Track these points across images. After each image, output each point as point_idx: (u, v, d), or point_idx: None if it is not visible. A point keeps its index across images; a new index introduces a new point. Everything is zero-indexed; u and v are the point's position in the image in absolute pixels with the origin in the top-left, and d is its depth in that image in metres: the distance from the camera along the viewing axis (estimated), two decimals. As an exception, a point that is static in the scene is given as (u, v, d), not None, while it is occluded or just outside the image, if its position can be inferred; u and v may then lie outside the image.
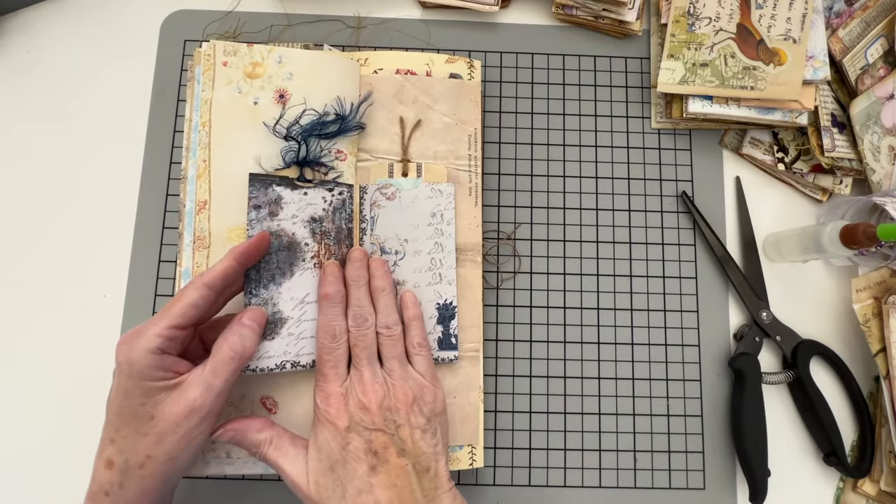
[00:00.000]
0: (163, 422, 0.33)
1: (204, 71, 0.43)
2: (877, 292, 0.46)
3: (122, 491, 0.33)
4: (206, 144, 0.42)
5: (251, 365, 0.38)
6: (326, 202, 0.42)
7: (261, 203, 0.40)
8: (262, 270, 0.39)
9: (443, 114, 0.46)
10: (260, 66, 0.44)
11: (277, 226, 0.40)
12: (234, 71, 0.43)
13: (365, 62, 0.47)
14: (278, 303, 0.39)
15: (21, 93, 0.51)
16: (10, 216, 0.49)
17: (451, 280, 0.43)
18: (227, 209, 0.42)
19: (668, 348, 0.48)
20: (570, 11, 0.52)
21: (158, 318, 0.34)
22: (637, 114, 0.52)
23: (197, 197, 0.42)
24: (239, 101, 0.43)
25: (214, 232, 0.41)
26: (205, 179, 0.42)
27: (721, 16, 0.48)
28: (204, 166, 0.42)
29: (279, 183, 0.41)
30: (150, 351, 0.33)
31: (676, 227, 0.50)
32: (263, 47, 0.44)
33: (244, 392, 0.41)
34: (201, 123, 0.43)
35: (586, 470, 0.46)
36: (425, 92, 0.47)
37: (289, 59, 0.44)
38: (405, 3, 0.53)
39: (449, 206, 0.44)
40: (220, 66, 0.43)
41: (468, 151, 0.46)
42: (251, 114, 0.43)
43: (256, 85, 0.43)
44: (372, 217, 0.44)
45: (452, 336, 0.42)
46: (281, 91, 0.43)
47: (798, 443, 0.47)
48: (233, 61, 0.43)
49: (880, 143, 0.47)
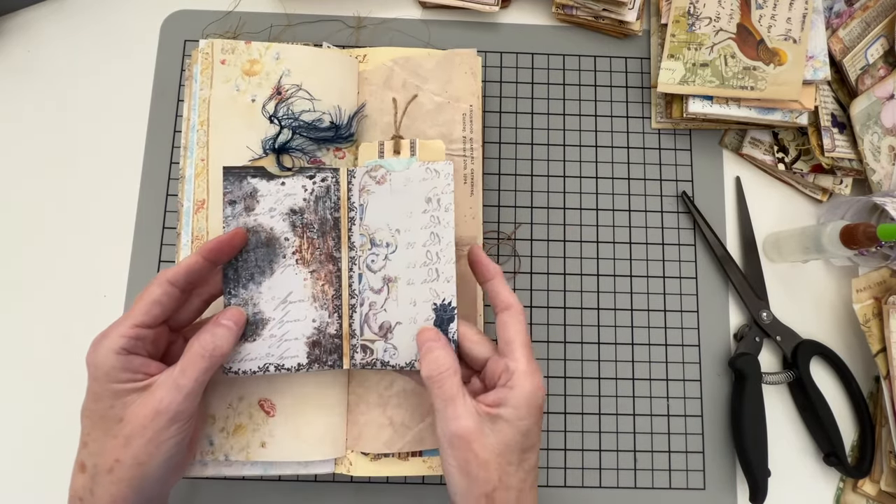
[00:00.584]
0: (130, 424, 0.32)
1: (202, 70, 0.43)
2: (877, 292, 0.46)
3: (94, 497, 0.32)
4: (204, 143, 0.42)
5: (232, 367, 0.37)
6: (307, 191, 0.39)
7: (235, 198, 0.38)
8: (240, 269, 0.37)
9: (433, 93, 0.44)
10: (258, 63, 0.43)
11: (254, 221, 0.38)
12: (231, 69, 0.43)
13: (364, 58, 0.46)
14: (259, 303, 0.37)
15: (21, 93, 0.51)
16: (10, 216, 0.49)
17: (450, 276, 0.37)
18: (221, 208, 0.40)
19: (668, 348, 0.48)
20: (570, 11, 0.52)
21: (122, 319, 0.33)
22: (637, 114, 0.52)
23: (195, 196, 0.41)
24: (237, 98, 0.43)
25: (213, 231, 0.41)
26: (203, 178, 0.41)
27: (721, 16, 0.48)
28: (202, 165, 0.41)
29: (254, 175, 0.38)
30: (115, 351, 0.32)
31: (676, 227, 0.50)
32: (261, 44, 0.43)
33: (242, 394, 0.40)
34: (199, 122, 0.42)
35: (586, 470, 0.46)
36: (414, 73, 0.45)
37: (286, 56, 0.43)
38: (405, 3, 0.53)
39: (447, 190, 0.38)
40: (217, 64, 0.43)
41: (462, 133, 0.44)
42: (249, 111, 0.42)
43: (254, 82, 0.43)
44: (361, 205, 0.40)
45: (452, 342, 0.36)
46: (278, 87, 0.43)
47: (798, 443, 0.47)
48: (231, 59, 0.43)
49: (880, 143, 0.47)
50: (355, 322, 0.39)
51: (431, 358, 0.34)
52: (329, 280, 0.39)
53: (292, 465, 0.41)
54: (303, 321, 0.39)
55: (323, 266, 0.39)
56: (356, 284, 0.39)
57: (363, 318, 0.39)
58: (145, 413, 0.32)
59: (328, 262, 0.40)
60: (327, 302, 0.39)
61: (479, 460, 0.32)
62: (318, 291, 0.39)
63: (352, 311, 0.40)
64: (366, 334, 0.39)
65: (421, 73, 0.44)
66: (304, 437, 0.40)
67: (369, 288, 0.39)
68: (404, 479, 0.45)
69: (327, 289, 0.39)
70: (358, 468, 0.42)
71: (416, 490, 0.45)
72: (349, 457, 0.42)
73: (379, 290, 0.39)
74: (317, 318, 0.39)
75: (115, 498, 0.32)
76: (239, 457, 0.40)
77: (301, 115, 0.42)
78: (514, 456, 0.33)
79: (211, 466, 0.40)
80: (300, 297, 0.38)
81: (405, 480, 0.45)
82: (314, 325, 0.39)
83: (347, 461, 0.42)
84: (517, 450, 0.33)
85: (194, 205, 0.41)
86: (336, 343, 0.39)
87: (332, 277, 0.40)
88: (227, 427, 0.40)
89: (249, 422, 0.40)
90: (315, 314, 0.39)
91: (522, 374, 0.33)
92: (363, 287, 0.39)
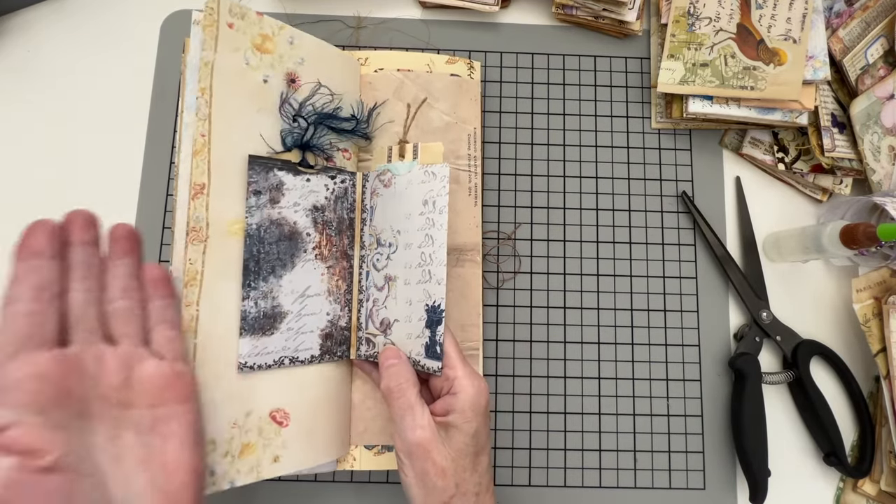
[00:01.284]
0: None
1: (205, 27, 0.37)
2: (877, 292, 0.46)
3: None
4: (205, 116, 0.35)
5: (248, 362, 0.36)
6: (329, 190, 0.40)
7: (261, 188, 0.38)
8: (262, 262, 0.37)
9: (443, 112, 0.46)
10: (270, 41, 0.39)
11: (279, 214, 0.38)
12: (241, 37, 0.38)
13: (365, 62, 0.46)
14: (278, 296, 0.38)
15: (21, 93, 0.51)
16: (9, 216, 0.49)
17: (441, 279, 0.37)
18: (229, 195, 0.36)
19: (668, 348, 0.48)
20: (570, 11, 0.52)
21: None
22: (637, 114, 0.52)
23: (193, 179, 0.35)
24: (246, 73, 0.38)
25: (214, 221, 0.35)
26: (203, 157, 0.35)
27: (721, 16, 0.48)
28: (203, 141, 0.35)
29: (281, 167, 0.38)
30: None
31: (676, 227, 0.50)
32: (274, 21, 0.40)
33: (250, 409, 0.36)
34: (200, 90, 0.36)
35: (586, 470, 0.46)
36: (425, 89, 0.46)
37: (300, 43, 0.41)
38: (405, 3, 0.53)
39: (442, 192, 0.38)
40: (224, 26, 0.37)
41: (468, 151, 0.46)
42: (260, 92, 0.38)
43: (266, 61, 0.39)
44: (371, 207, 0.41)
45: (438, 344, 0.36)
46: (293, 75, 0.40)
47: (798, 443, 0.47)
48: (240, 25, 0.38)
49: (880, 143, 0.47)
50: (362, 316, 0.41)
51: (391, 372, 0.36)
52: (343, 276, 0.41)
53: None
54: (318, 314, 0.40)
55: (338, 262, 0.41)
56: (364, 281, 0.41)
57: (368, 313, 0.41)
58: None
59: (343, 258, 0.41)
60: (340, 296, 0.41)
61: (437, 468, 0.33)
62: (333, 286, 0.41)
63: (360, 305, 0.41)
64: (369, 328, 0.41)
65: (432, 91, 0.46)
66: (317, 442, 0.39)
67: (374, 285, 0.41)
68: (404, 479, 0.45)
69: (341, 284, 0.41)
70: (362, 463, 0.42)
71: (416, 490, 0.45)
72: (353, 452, 0.42)
73: (381, 287, 0.40)
74: (330, 311, 0.40)
75: None
76: (247, 479, 0.35)
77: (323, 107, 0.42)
78: (468, 461, 0.34)
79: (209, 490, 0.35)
80: (317, 291, 0.39)
81: (405, 480, 0.45)
82: (328, 318, 0.40)
83: (351, 457, 0.42)
84: (470, 454, 0.34)
85: (191, 188, 0.35)
86: (345, 335, 0.41)
87: (345, 273, 0.41)
88: (231, 450, 0.35)
89: (259, 438, 0.36)
90: (329, 307, 0.40)
91: (462, 378, 0.35)
92: (369, 283, 0.41)
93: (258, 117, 0.38)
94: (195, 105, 0.36)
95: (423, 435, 0.34)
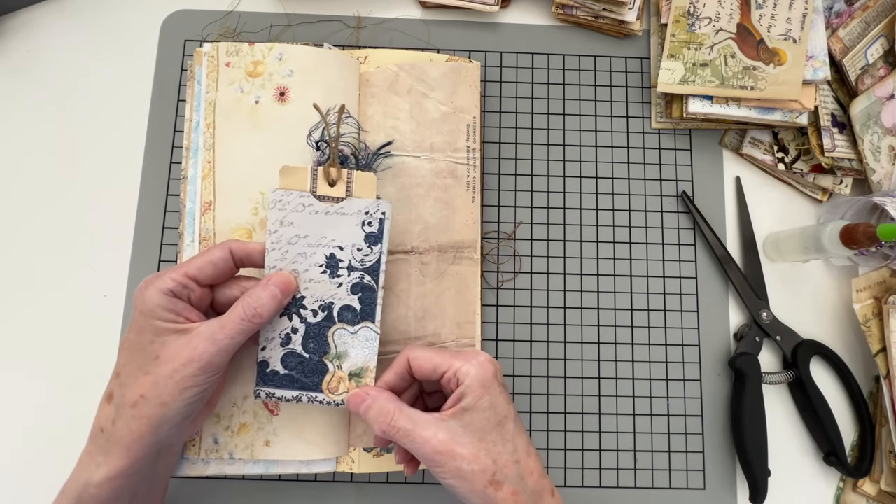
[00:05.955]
0: (163, 364, 0.33)
1: (207, 73, 0.44)
2: (877, 292, 0.46)
3: (114, 428, 0.33)
4: (210, 146, 0.43)
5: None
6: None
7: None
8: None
9: (439, 102, 0.45)
10: (261, 65, 0.44)
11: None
12: (236, 71, 0.44)
13: (365, 60, 0.46)
14: None
15: (21, 93, 0.51)
16: (9, 216, 0.49)
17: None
18: (230, 209, 0.42)
19: (668, 348, 0.48)
20: (570, 11, 0.52)
21: (178, 266, 0.35)
22: (637, 114, 0.52)
23: (201, 198, 0.43)
24: (241, 100, 0.43)
25: (220, 232, 0.42)
26: (209, 181, 0.43)
27: (721, 16, 0.48)
28: (209, 167, 0.43)
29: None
30: (163, 291, 0.34)
31: (676, 227, 0.50)
32: (264, 45, 0.44)
33: (246, 392, 0.41)
34: (206, 125, 0.43)
35: (586, 470, 0.46)
36: (420, 80, 0.46)
37: (289, 56, 0.44)
38: (405, 3, 0.53)
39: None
40: (223, 67, 0.44)
41: (466, 143, 0.46)
42: (253, 113, 0.43)
43: (257, 83, 0.43)
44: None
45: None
46: (281, 88, 0.43)
47: (798, 443, 0.47)
48: (235, 61, 0.44)
49: (880, 143, 0.47)
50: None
51: (372, 415, 0.35)
52: None
53: (294, 464, 0.41)
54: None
55: None
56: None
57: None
58: (180, 357, 0.33)
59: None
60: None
61: (468, 458, 0.33)
62: None
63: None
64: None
65: (427, 81, 0.45)
66: (308, 436, 0.41)
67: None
68: (404, 479, 0.45)
69: None
70: (360, 465, 0.42)
71: (417, 490, 0.45)
72: (351, 454, 0.42)
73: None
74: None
75: (134, 432, 0.33)
76: (243, 455, 0.40)
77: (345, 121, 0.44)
78: (494, 434, 0.34)
79: (214, 465, 0.40)
80: None
81: (405, 480, 0.45)
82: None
83: (350, 459, 0.42)
84: (493, 426, 0.34)
85: (200, 206, 0.42)
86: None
87: None
88: (231, 426, 0.41)
89: (254, 420, 0.41)
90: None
91: (462, 366, 0.35)
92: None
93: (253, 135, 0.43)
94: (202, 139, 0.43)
95: (437, 443, 0.33)
